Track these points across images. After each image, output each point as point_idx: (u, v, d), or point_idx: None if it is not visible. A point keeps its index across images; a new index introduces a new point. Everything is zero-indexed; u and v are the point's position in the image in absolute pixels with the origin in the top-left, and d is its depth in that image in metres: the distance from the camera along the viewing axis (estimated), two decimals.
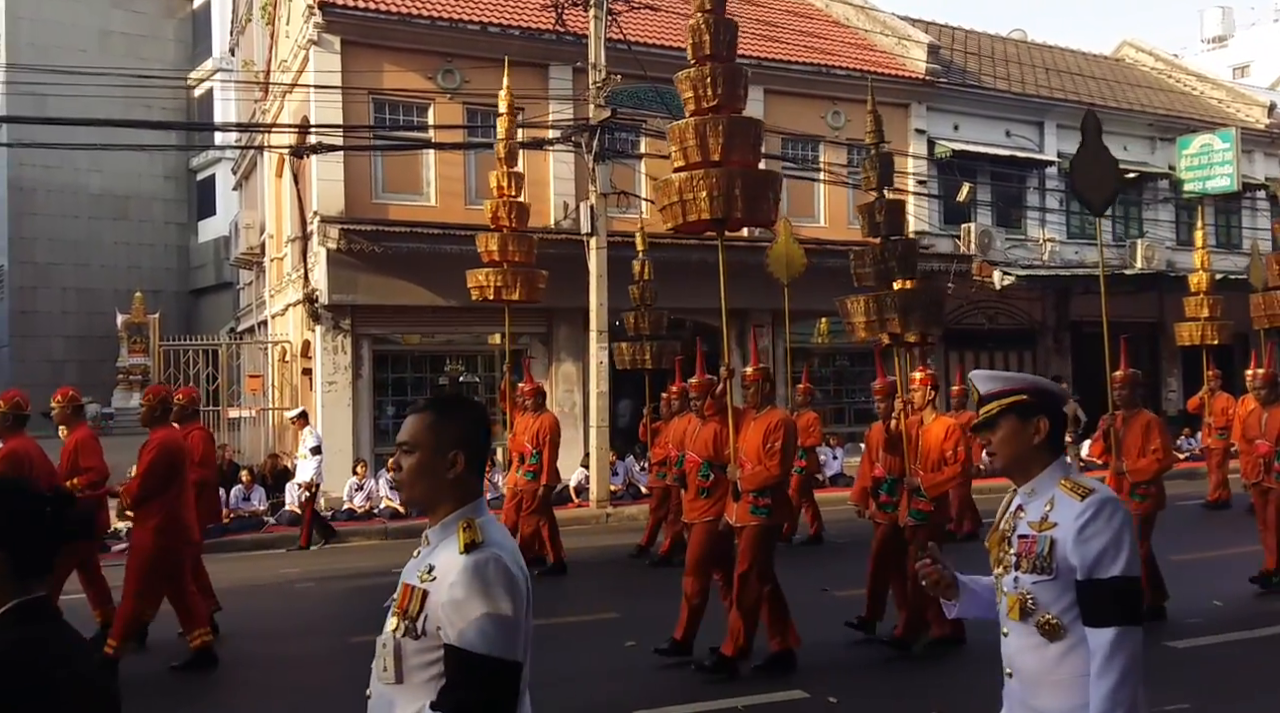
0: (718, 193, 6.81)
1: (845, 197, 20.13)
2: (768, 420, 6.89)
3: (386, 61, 16.43)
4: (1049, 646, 2.70)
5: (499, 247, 11.68)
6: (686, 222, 6.99)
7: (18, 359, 33.59)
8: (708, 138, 6.87)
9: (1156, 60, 29.38)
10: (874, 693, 6.48)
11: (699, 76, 6.96)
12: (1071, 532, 2.63)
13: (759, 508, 6.80)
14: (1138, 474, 7.83)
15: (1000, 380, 2.81)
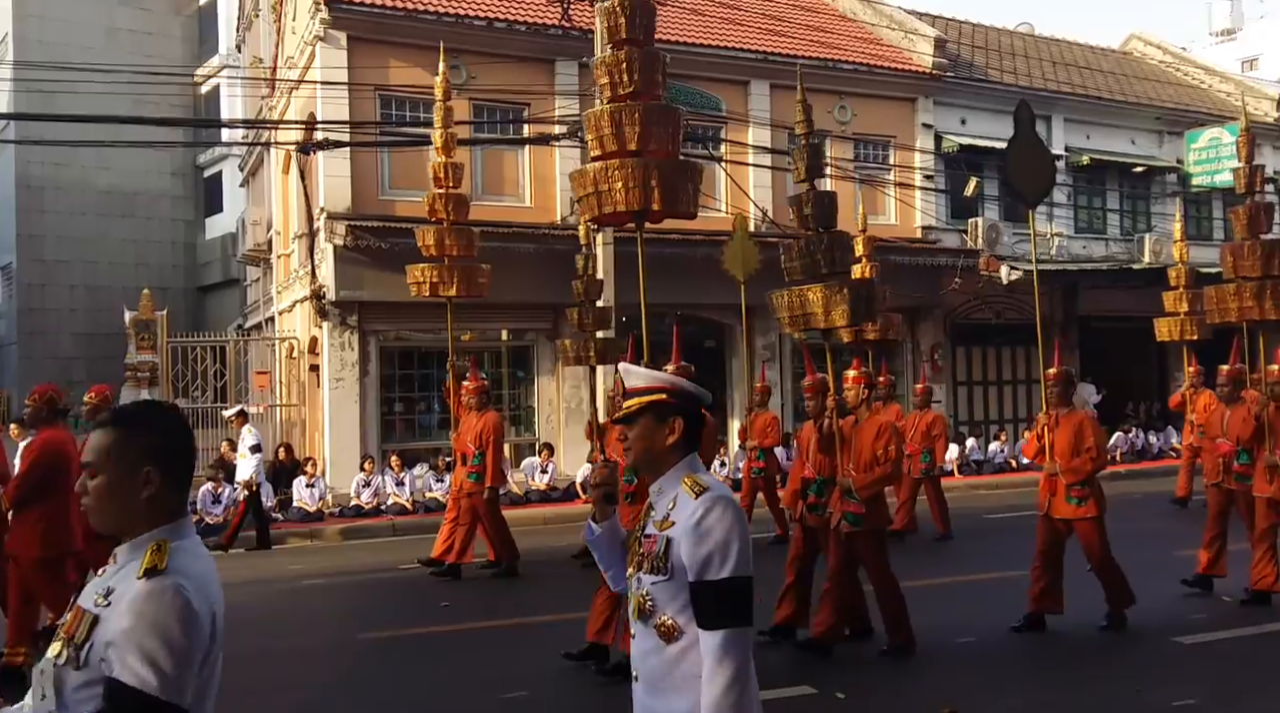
0: (633, 184, 6.52)
1: (852, 192, 20.09)
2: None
3: (393, 57, 16.43)
4: (666, 648, 2.61)
5: (435, 240, 11.11)
6: (602, 213, 6.73)
7: (26, 356, 33.72)
8: (623, 126, 6.57)
9: (1164, 53, 29.25)
10: (882, 689, 6.48)
11: (614, 62, 6.58)
12: (685, 531, 2.58)
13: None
14: (1071, 475, 7.61)
15: (644, 378, 2.80)
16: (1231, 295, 8.86)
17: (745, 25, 19.53)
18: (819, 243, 7.28)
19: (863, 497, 7.06)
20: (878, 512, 7.20)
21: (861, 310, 7.17)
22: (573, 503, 15.29)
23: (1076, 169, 22.73)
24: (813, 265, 7.27)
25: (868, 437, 7.23)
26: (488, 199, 16.78)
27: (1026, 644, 7.44)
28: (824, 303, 7.12)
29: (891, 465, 7.16)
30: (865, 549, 7.10)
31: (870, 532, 7.10)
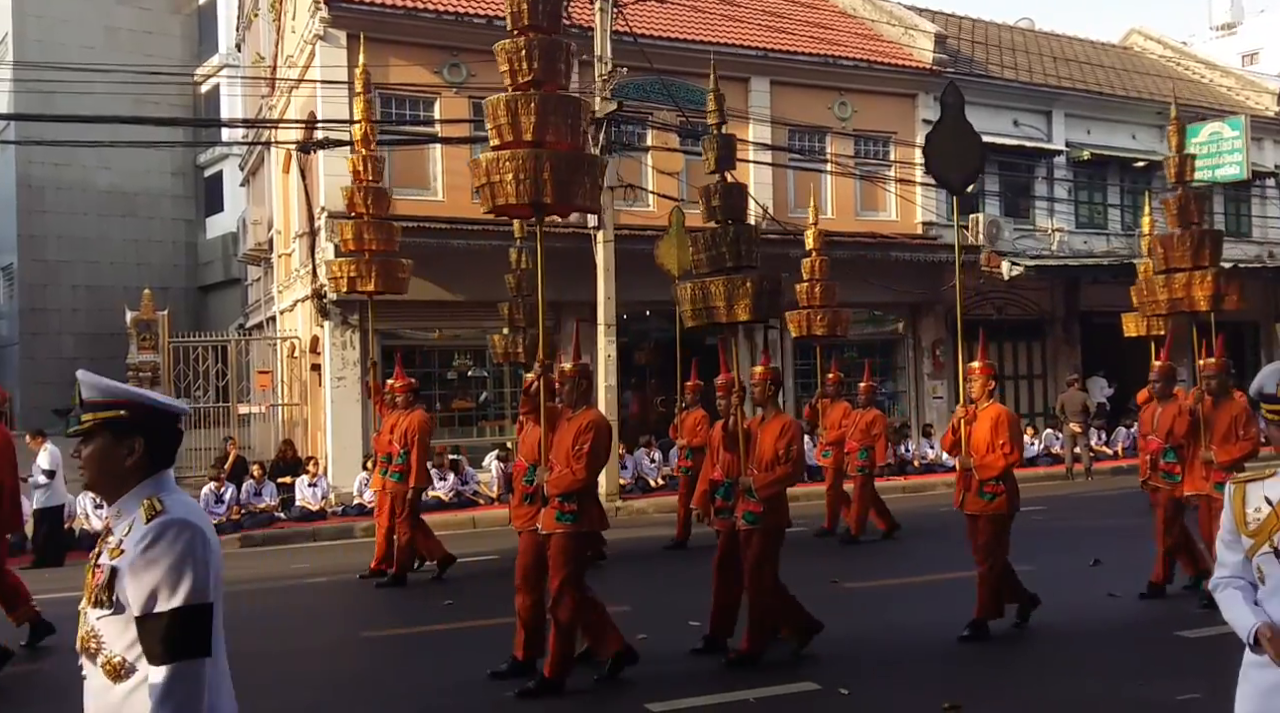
0: (525, 176, 6.26)
1: (852, 188, 20.09)
2: (580, 421, 6.40)
3: (393, 56, 16.42)
4: (114, 687, 2.39)
5: (354, 235, 10.87)
6: (496, 205, 6.49)
7: (28, 357, 33.72)
8: (519, 115, 6.32)
9: (1165, 48, 29.22)
10: (886, 686, 6.48)
11: (514, 49, 6.37)
12: (130, 560, 2.35)
13: (564, 514, 6.29)
14: (984, 471, 7.37)
15: (100, 390, 2.51)
16: (1161, 287, 8.71)
17: (745, 22, 19.52)
18: (724, 235, 7.08)
19: (761, 496, 6.79)
20: (777, 512, 6.89)
21: (765, 304, 6.96)
22: None
23: (1077, 164, 22.71)
24: (718, 258, 7.07)
25: (770, 436, 6.96)
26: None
27: (1029, 640, 7.44)
28: (727, 296, 6.93)
29: (792, 466, 6.90)
30: (757, 548, 6.79)
31: (766, 531, 6.81)
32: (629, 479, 16.06)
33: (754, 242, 7.16)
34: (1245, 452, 7.98)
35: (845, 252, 18.31)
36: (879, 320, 20.69)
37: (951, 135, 7.95)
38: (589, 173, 6.52)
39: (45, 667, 7.43)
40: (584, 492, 6.35)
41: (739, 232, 7.10)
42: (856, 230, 19.39)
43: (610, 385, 15.45)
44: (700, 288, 7.13)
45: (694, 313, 7.18)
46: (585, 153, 6.65)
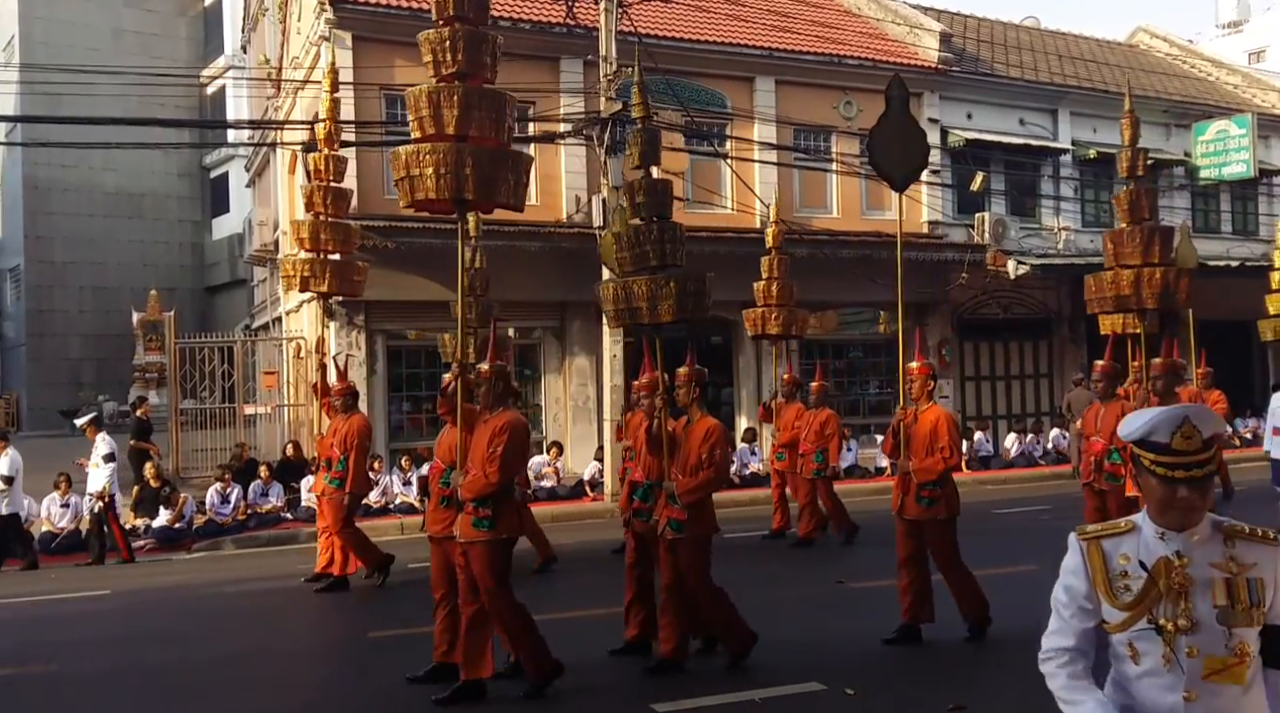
0: (445, 170, 6.07)
1: (858, 187, 20.07)
2: (495, 424, 6.17)
3: (398, 56, 16.42)
4: None
5: (310, 234, 10.60)
6: (415, 200, 6.28)
7: (34, 358, 33.83)
8: (441, 108, 6.11)
9: (1171, 46, 29.15)
10: (891, 686, 6.47)
11: (438, 39, 6.18)
12: None
13: (480, 520, 6.07)
14: (922, 474, 7.16)
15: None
16: (1109, 283, 8.42)
17: (750, 21, 19.50)
18: (648, 233, 6.80)
19: (685, 502, 6.56)
20: (702, 518, 6.65)
21: (690, 304, 6.69)
22: (580, 500, 15.29)
23: (1083, 163, 22.65)
24: (641, 257, 6.81)
25: (695, 439, 6.72)
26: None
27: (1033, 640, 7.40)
28: (649, 296, 6.68)
29: (715, 470, 6.65)
30: (685, 556, 6.59)
31: (692, 538, 6.58)
32: None
33: (679, 240, 6.91)
34: None
35: (851, 251, 18.30)
36: (883, 320, 20.65)
37: (896, 130, 7.77)
38: (513, 169, 6.31)
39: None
40: (499, 496, 6.11)
41: (663, 229, 6.82)
42: (862, 229, 19.37)
43: (616, 385, 15.45)
44: (623, 287, 6.87)
45: (616, 314, 6.94)
46: (510, 148, 6.44)
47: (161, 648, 7.91)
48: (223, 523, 13.57)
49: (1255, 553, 2.48)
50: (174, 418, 17.79)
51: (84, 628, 8.86)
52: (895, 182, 7.80)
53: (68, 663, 7.53)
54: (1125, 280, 8.26)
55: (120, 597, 10.22)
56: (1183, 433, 2.42)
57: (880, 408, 20.67)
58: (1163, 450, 2.44)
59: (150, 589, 10.66)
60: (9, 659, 7.66)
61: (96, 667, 7.49)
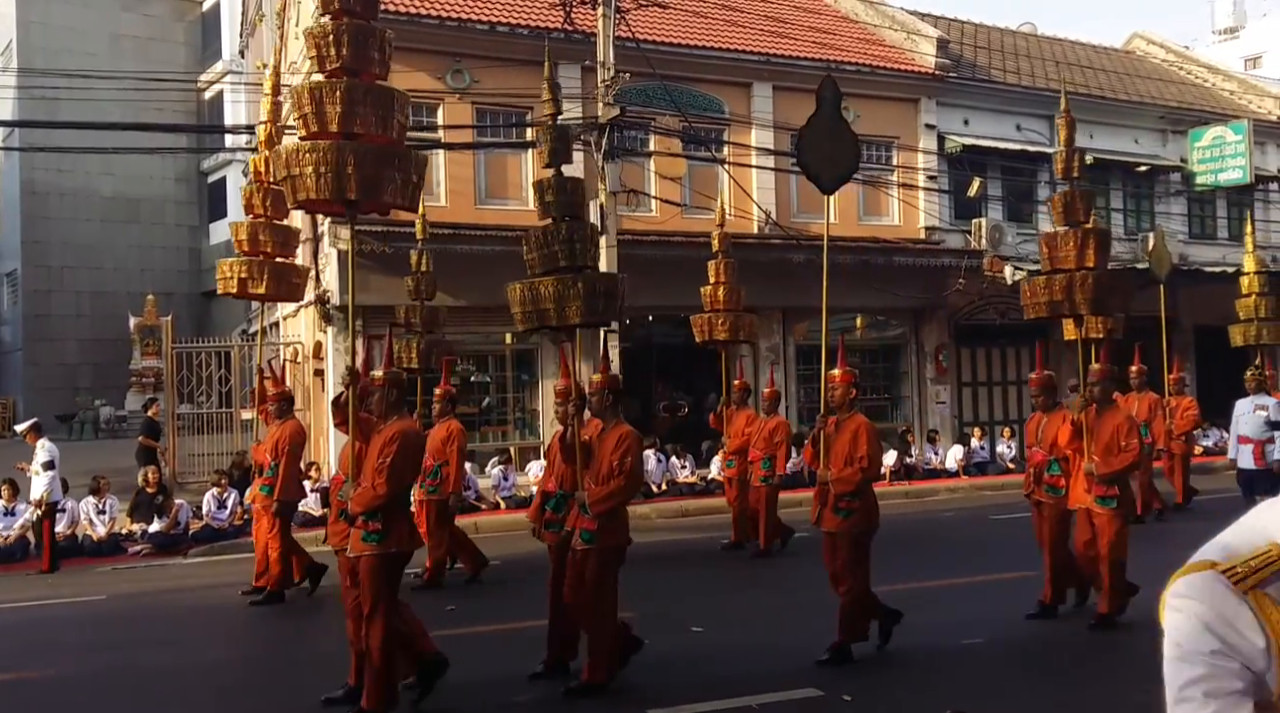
0: (325, 169, 5.81)
1: (855, 193, 20.09)
2: (386, 434, 6.02)
3: (395, 62, 16.39)
4: None
5: (249, 236, 10.34)
6: (299, 201, 6.03)
7: (31, 363, 33.78)
8: (325, 104, 5.87)
9: (1167, 52, 29.22)
10: (889, 691, 6.47)
11: (321, 33, 5.97)
12: None
13: (369, 534, 5.89)
14: (840, 485, 6.96)
15: None
16: (1042, 288, 8.09)
17: (747, 27, 19.54)
18: (556, 233, 6.60)
19: (595, 512, 6.33)
20: (613, 529, 6.44)
21: (600, 306, 6.51)
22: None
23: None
24: (550, 257, 6.61)
25: (607, 447, 6.50)
26: (492, 203, 16.81)
27: (1033, 645, 7.42)
28: (557, 297, 6.48)
29: (626, 479, 6.43)
30: (592, 568, 6.34)
31: (602, 549, 6.36)
32: None
33: (589, 240, 6.74)
34: (1128, 464, 7.66)
35: (848, 257, 18.31)
36: (881, 325, 20.68)
37: (827, 131, 7.62)
38: (401, 167, 6.05)
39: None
40: (388, 509, 5.90)
41: (573, 229, 6.62)
42: (859, 235, 19.39)
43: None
44: (530, 289, 6.65)
45: (524, 315, 6.73)
46: (398, 146, 6.22)
47: (158, 653, 7.90)
48: (219, 528, 13.55)
49: None
50: (171, 423, 17.78)
51: (80, 633, 8.85)
52: (824, 183, 7.72)
53: (64, 668, 7.52)
54: (1059, 285, 7.91)
55: (117, 601, 10.21)
56: None
57: (878, 413, 20.68)
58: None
59: (146, 594, 10.66)
60: (6, 664, 7.65)
61: (93, 672, 7.48)
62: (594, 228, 6.90)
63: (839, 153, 7.64)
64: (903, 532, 13.09)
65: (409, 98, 6.41)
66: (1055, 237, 8.05)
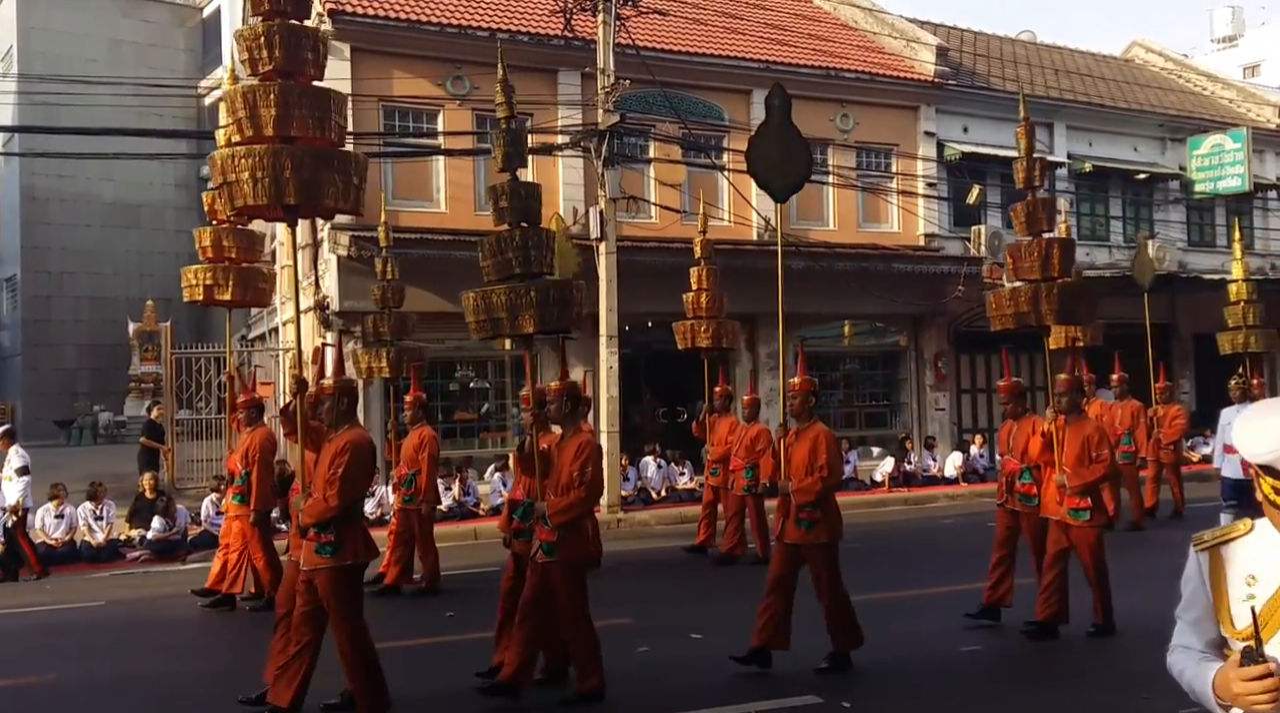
0: (262, 174, 5.67)
1: (854, 199, 20.12)
2: (336, 444, 5.90)
3: (396, 68, 16.48)
4: None
5: (213, 242, 10.14)
6: (236, 208, 5.89)
7: (30, 368, 33.76)
8: (259, 108, 5.72)
9: (1166, 60, 29.29)
10: (888, 698, 6.46)
11: (252, 36, 5.80)
12: None
13: (322, 546, 5.76)
14: (801, 495, 6.80)
15: None
16: (1008, 299, 7.94)
17: (747, 35, 19.58)
18: (511, 240, 6.40)
19: (554, 524, 6.21)
20: (575, 541, 6.31)
21: (554, 315, 6.35)
22: None
23: (1079, 176, 22.73)
24: (504, 264, 6.44)
25: (566, 457, 6.37)
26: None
27: (1031, 654, 7.41)
28: (510, 306, 6.34)
29: (586, 489, 6.28)
30: (558, 581, 6.24)
31: (563, 562, 6.23)
32: (631, 491, 16.03)
33: (545, 247, 6.55)
34: (1099, 475, 7.56)
35: (848, 263, 18.34)
36: (880, 332, 20.69)
37: (777, 139, 7.51)
38: (341, 170, 5.88)
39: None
40: (341, 520, 5.81)
41: (527, 236, 6.41)
42: (859, 242, 19.41)
43: (612, 396, 15.46)
44: (483, 297, 6.47)
45: (477, 324, 6.56)
46: (337, 149, 6.05)
47: (156, 659, 7.89)
48: (218, 534, 13.50)
49: None
50: (170, 429, 17.76)
51: (79, 639, 8.83)
52: (775, 191, 7.56)
53: (63, 674, 7.51)
54: (1024, 296, 7.74)
55: (115, 607, 10.19)
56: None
57: (877, 420, 20.69)
58: None
59: (145, 600, 10.64)
60: (5, 671, 7.63)
61: (92, 678, 7.47)
62: (550, 234, 6.74)
63: (790, 160, 7.50)
64: (902, 539, 13.12)
65: (345, 98, 6.23)
66: (1019, 247, 7.87)
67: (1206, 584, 2.27)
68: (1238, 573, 2.23)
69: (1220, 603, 2.25)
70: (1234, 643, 2.21)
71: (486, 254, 6.53)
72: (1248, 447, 2.19)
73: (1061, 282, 7.72)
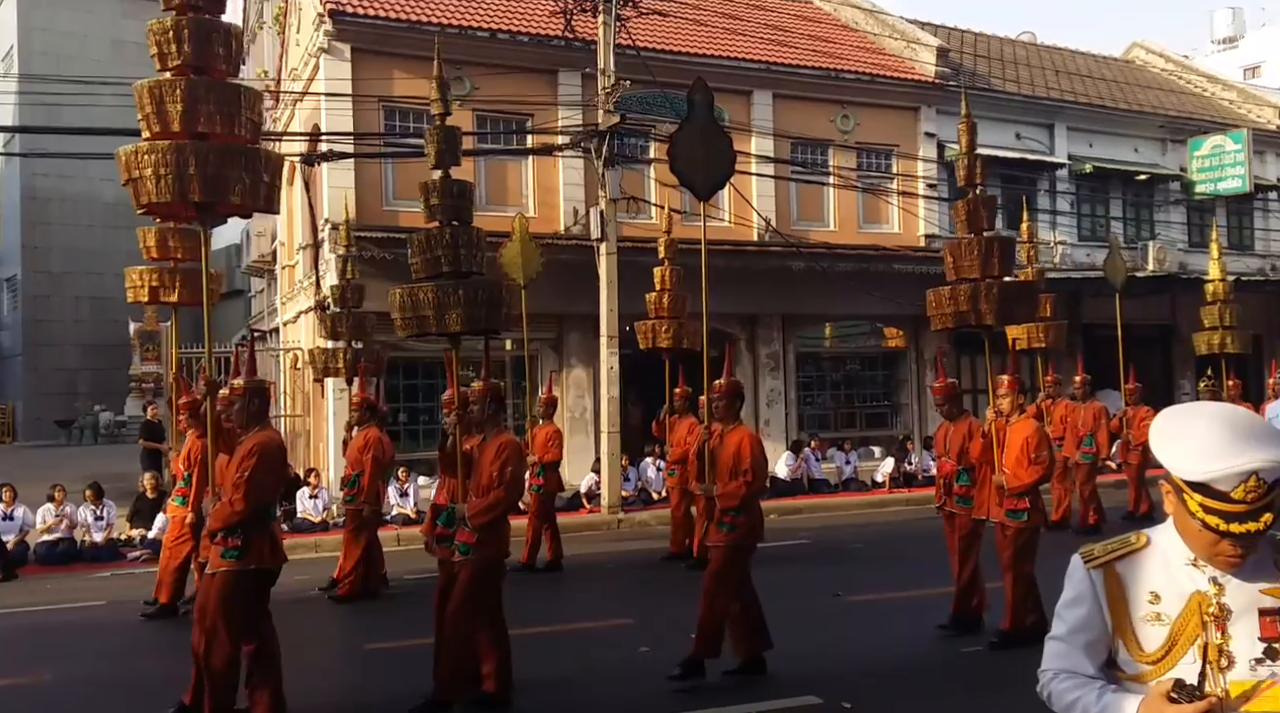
0: (165, 171, 5.54)
1: (855, 200, 20.13)
2: (244, 447, 5.75)
3: (396, 69, 16.49)
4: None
5: (157, 242, 9.96)
6: (143, 205, 5.78)
7: (31, 368, 33.79)
8: (165, 103, 5.58)
9: (1167, 62, 29.29)
10: (888, 699, 6.46)
11: (161, 30, 5.67)
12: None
13: (228, 550, 5.62)
14: (725, 500, 6.66)
15: None
16: (947, 298, 7.74)
17: (748, 35, 19.59)
18: (440, 237, 6.30)
19: (474, 525, 6.07)
20: (492, 542, 6.17)
21: (481, 315, 6.25)
22: (577, 512, 15.28)
23: (1080, 177, 22.74)
24: (433, 262, 6.33)
25: (487, 458, 6.24)
26: (492, 209, 16.80)
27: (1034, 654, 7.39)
28: (437, 304, 6.22)
29: (506, 490, 6.16)
30: (467, 581, 6.08)
31: (479, 561, 6.09)
32: (631, 491, 16.03)
33: (476, 245, 6.40)
34: (1038, 477, 7.37)
35: (848, 264, 18.35)
36: (880, 333, 20.71)
37: (700, 135, 7.29)
38: (249, 167, 5.75)
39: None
40: (248, 524, 5.65)
41: (457, 234, 6.30)
42: (859, 243, 19.42)
43: (613, 396, 15.46)
44: (409, 295, 6.35)
45: (403, 322, 6.42)
46: (246, 145, 5.90)
47: (155, 660, 7.89)
48: None
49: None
50: (172, 429, 17.74)
51: (79, 639, 8.84)
52: (698, 189, 7.38)
53: (63, 673, 7.51)
54: (963, 295, 7.55)
55: (115, 607, 10.19)
56: (1247, 487, 1.95)
57: (877, 421, 20.69)
58: (1219, 498, 1.97)
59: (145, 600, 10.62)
60: (5, 670, 7.64)
61: (91, 678, 7.47)
62: (480, 232, 6.58)
63: (713, 158, 7.30)
64: (902, 539, 13.10)
65: (261, 95, 6.09)
66: (959, 245, 7.71)
67: (1103, 604, 2.14)
68: (1139, 591, 2.12)
69: (1122, 623, 2.12)
70: (1135, 666, 2.11)
71: (415, 251, 6.41)
72: (1179, 463, 2.02)
73: (1002, 281, 7.55)
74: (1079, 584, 2.18)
